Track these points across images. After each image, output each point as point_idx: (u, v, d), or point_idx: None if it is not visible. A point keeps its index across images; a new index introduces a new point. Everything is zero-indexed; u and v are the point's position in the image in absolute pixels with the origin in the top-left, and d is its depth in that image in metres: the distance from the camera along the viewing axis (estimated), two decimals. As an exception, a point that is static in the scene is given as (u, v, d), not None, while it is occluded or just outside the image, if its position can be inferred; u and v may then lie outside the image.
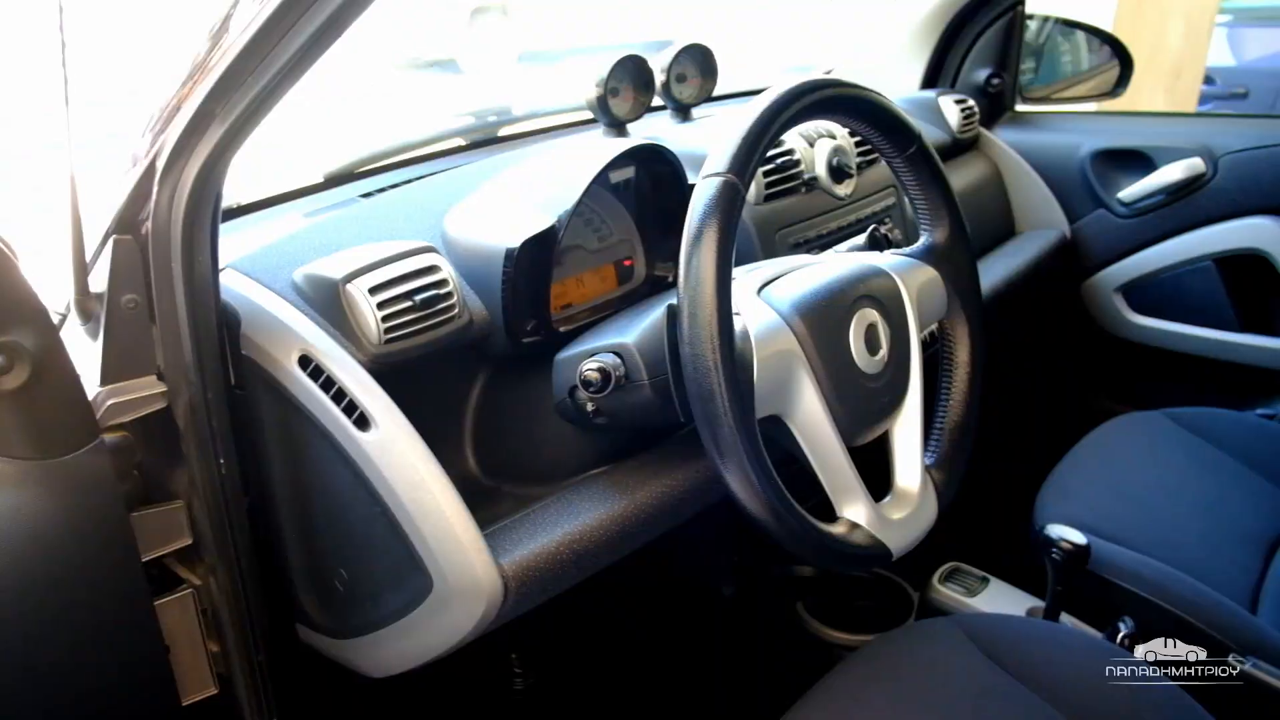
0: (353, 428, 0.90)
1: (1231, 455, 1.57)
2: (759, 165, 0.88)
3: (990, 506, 1.89)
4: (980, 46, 2.17)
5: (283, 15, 0.76)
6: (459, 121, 1.82)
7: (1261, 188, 1.88)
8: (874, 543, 0.94)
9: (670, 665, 1.79)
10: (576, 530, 0.97)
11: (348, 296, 0.96)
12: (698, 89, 1.61)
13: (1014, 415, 2.30)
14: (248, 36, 0.77)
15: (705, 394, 0.81)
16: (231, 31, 0.79)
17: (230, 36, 0.79)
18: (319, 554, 1.03)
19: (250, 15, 0.77)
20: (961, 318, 1.11)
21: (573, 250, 1.20)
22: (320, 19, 0.76)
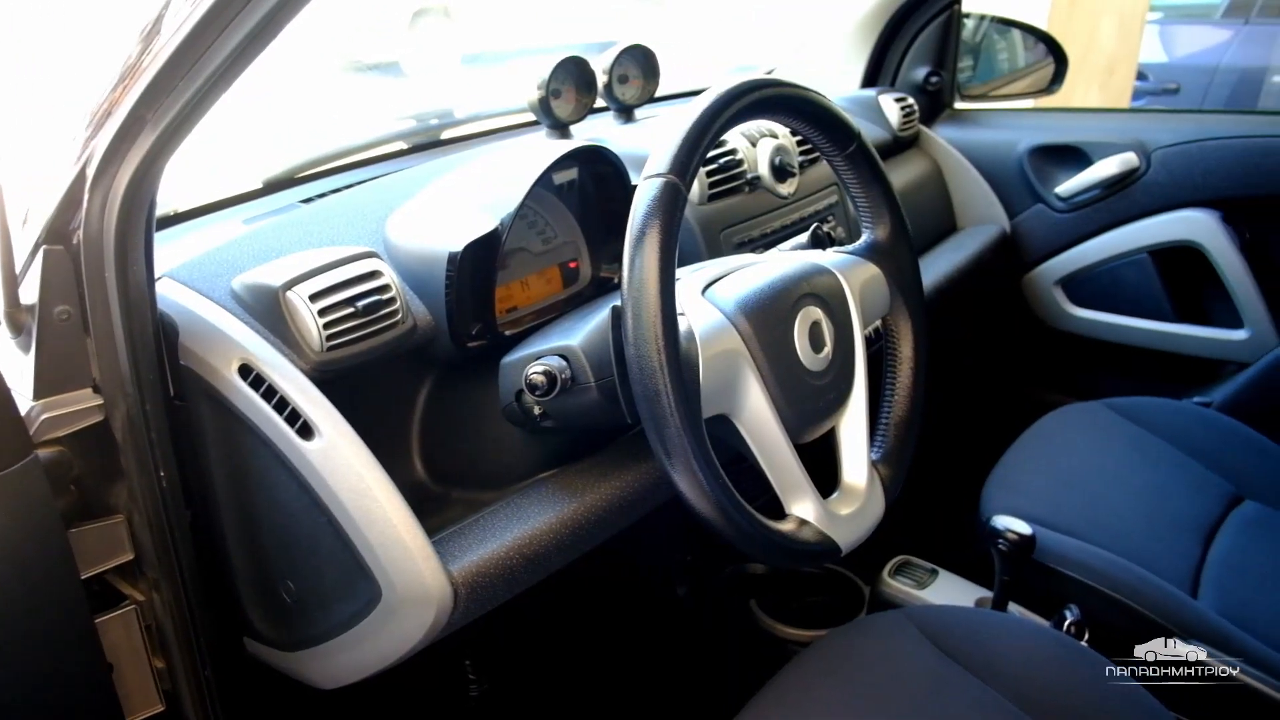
0: (295, 437, 0.89)
1: (1170, 443, 1.60)
2: (700, 165, 0.88)
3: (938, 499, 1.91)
4: (919, 45, 2.20)
5: (216, 16, 0.75)
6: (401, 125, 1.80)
7: (1193, 181, 1.92)
8: (823, 539, 0.95)
9: (625, 666, 1.79)
10: (526, 534, 0.97)
11: (288, 304, 0.94)
12: (640, 90, 1.62)
13: (958, 409, 2.33)
14: (180, 38, 0.76)
15: (651, 395, 0.81)
16: (164, 33, 0.77)
17: (162, 38, 0.77)
18: (265, 566, 1.01)
19: (183, 16, 0.76)
20: (904, 313, 1.12)
21: (517, 253, 1.20)
22: (254, 20, 0.75)
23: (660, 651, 1.84)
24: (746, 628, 1.78)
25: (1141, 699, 1.08)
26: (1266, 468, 1.58)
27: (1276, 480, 1.56)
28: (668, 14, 4.83)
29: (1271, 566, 1.37)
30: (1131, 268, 2.02)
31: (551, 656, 1.71)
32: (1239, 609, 1.28)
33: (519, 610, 1.10)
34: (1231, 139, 1.89)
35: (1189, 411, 1.73)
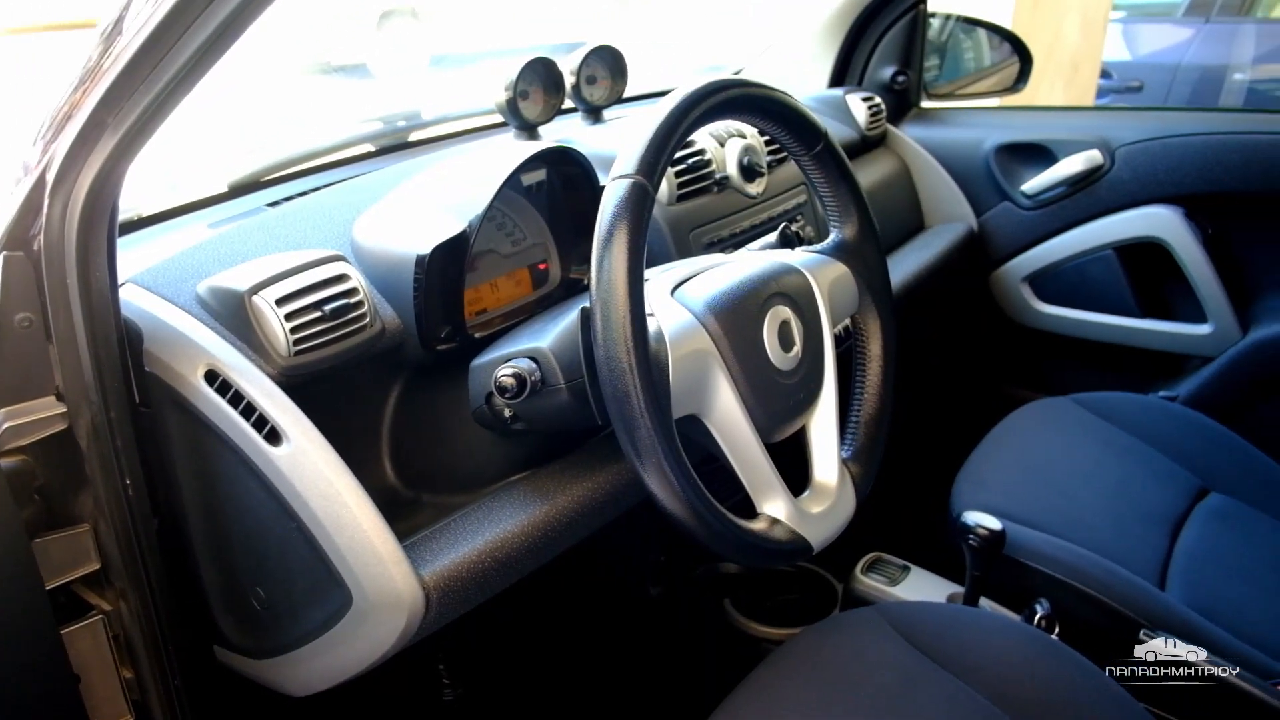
0: (263, 443, 0.88)
1: (1137, 437, 1.62)
2: (667, 166, 0.88)
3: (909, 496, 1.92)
4: (885, 45, 2.21)
5: (177, 17, 0.74)
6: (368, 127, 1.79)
7: (1157, 177, 1.95)
8: (794, 537, 0.95)
9: (600, 667, 1.79)
10: (498, 538, 0.97)
11: (254, 308, 0.94)
12: (608, 90, 1.62)
13: (928, 406, 2.34)
14: (141, 40, 0.75)
15: (621, 396, 0.81)
16: (125, 34, 0.76)
17: (123, 40, 0.76)
18: (234, 573, 1.00)
19: (144, 17, 0.75)
20: (873, 312, 1.13)
21: (486, 255, 1.19)
22: (216, 21, 0.74)
23: (634, 652, 1.84)
24: (720, 627, 1.78)
25: (1111, 690, 1.09)
26: (1231, 460, 1.61)
27: (1241, 472, 1.58)
28: (636, 14, 4.82)
29: (1237, 558, 1.39)
30: (1097, 264, 2.04)
31: (525, 659, 1.71)
32: (1206, 601, 1.30)
33: (492, 613, 1.10)
34: (1193, 136, 1.91)
35: (1155, 406, 1.75)
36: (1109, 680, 1.10)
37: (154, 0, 0.74)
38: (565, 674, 1.75)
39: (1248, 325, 1.92)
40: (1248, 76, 4.59)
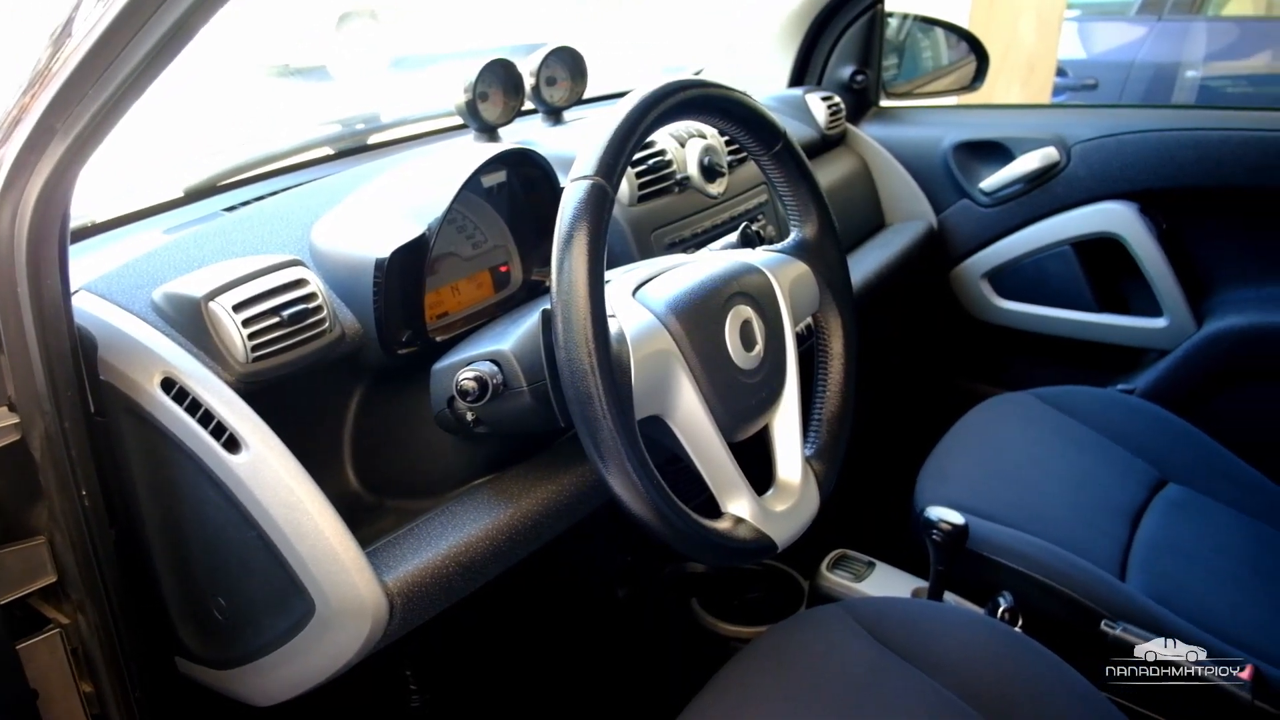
0: (222, 451, 0.87)
1: (1096, 430, 1.64)
2: (626, 167, 0.88)
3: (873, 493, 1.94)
4: (844, 44, 2.22)
5: (128, 18, 0.73)
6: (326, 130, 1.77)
7: (1111, 174, 1.97)
8: (759, 536, 0.96)
9: (568, 670, 1.79)
10: (462, 542, 0.96)
11: (211, 315, 0.93)
12: (568, 91, 1.61)
13: (890, 403, 2.36)
14: (90, 42, 0.74)
15: (583, 398, 0.81)
16: (74, 36, 0.75)
17: (73, 42, 0.75)
18: (194, 583, 0.99)
19: (94, 19, 0.73)
20: (834, 310, 1.13)
21: (446, 258, 1.19)
22: (168, 23, 0.73)
23: (602, 654, 1.84)
24: (688, 627, 1.79)
25: (1073, 680, 1.11)
26: (1188, 451, 1.63)
27: (1198, 463, 1.60)
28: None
29: (1195, 547, 1.41)
30: (1055, 260, 2.07)
31: (493, 663, 1.70)
32: (1166, 590, 1.32)
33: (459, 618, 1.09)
34: (1147, 133, 1.94)
35: (1113, 399, 1.78)
36: (1072, 670, 1.12)
37: (104, 1, 0.73)
38: (533, 677, 1.75)
39: (1202, 318, 1.95)
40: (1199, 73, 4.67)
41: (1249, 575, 1.37)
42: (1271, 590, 1.36)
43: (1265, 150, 1.82)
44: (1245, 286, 1.95)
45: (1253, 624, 1.29)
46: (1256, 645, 1.25)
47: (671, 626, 1.84)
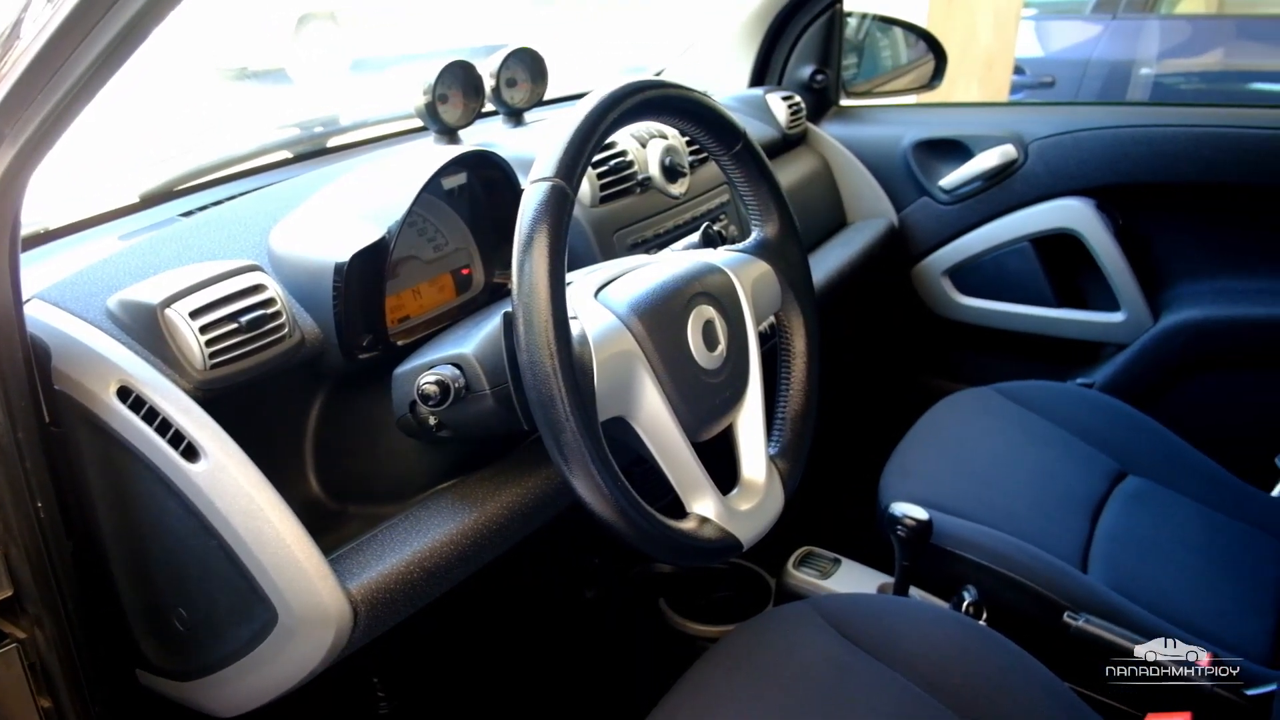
0: (180, 459, 0.86)
1: (1056, 424, 1.66)
2: (586, 168, 0.88)
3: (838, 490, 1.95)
4: (803, 44, 2.23)
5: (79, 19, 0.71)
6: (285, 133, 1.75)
7: (1068, 170, 2.00)
8: (724, 535, 0.96)
9: (536, 672, 1.78)
10: (426, 548, 0.96)
11: (167, 321, 0.91)
12: (529, 93, 1.61)
13: (854, 400, 2.37)
14: (39, 44, 0.72)
15: (546, 400, 0.81)
16: (23, 38, 0.74)
17: (20, 45, 0.74)
18: (154, 594, 0.98)
19: (42, 21, 0.72)
20: (796, 309, 1.14)
21: (407, 261, 1.18)
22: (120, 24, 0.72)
23: (571, 655, 1.84)
24: (656, 627, 1.79)
25: (1037, 672, 1.12)
26: (1147, 443, 1.65)
27: (1156, 455, 1.63)
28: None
29: (1154, 538, 1.43)
30: (1014, 256, 2.09)
31: (461, 669, 1.70)
32: (1127, 581, 1.34)
33: (426, 623, 1.09)
34: (1102, 129, 1.97)
35: (1073, 393, 1.80)
36: (1036, 662, 1.13)
37: (54, 2, 0.72)
38: (502, 680, 1.74)
39: (1159, 312, 1.98)
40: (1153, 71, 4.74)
41: (1206, 565, 1.40)
42: (1228, 579, 1.38)
43: (1216, 146, 1.85)
44: (1200, 280, 1.98)
45: (1211, 612, 1.31)
46: (1215, 633, 1.27)
47: (639, 627, 1.84)
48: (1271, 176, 1.83)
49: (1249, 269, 1.93)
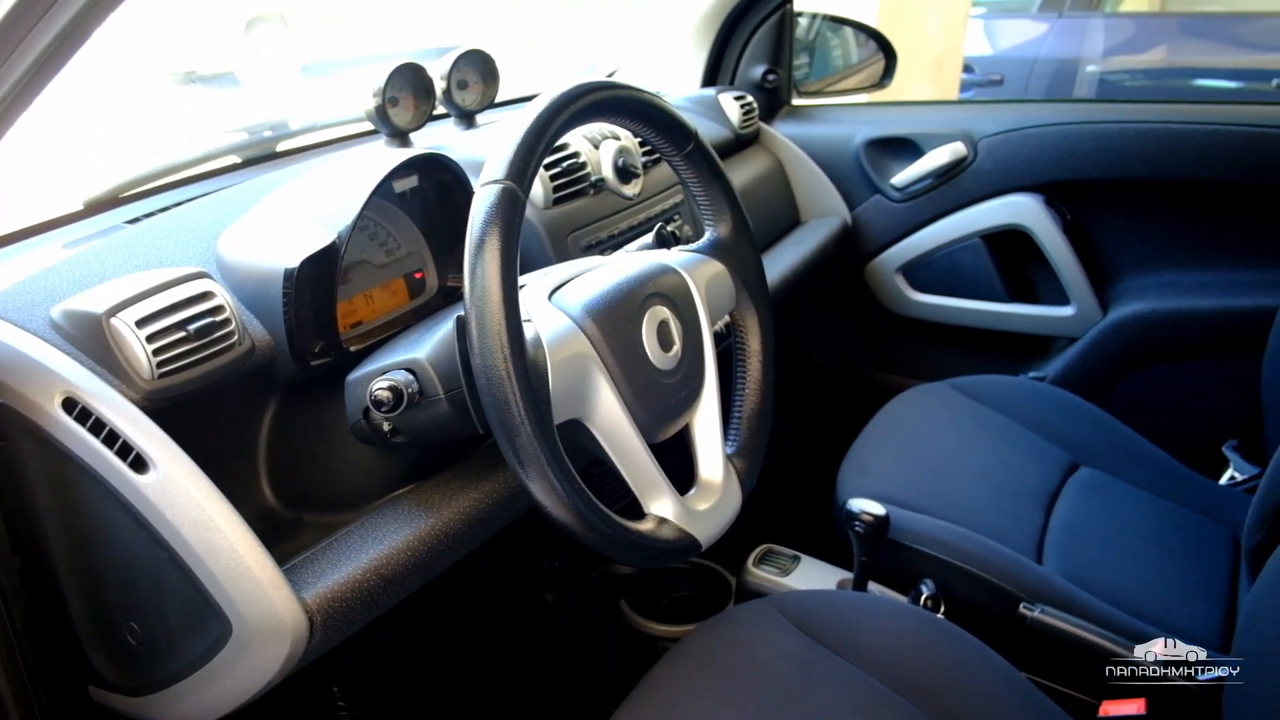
0: (128, 471, 0.85)
1: (1010, 417, 1.68)
2: (537, 170, 0.88)
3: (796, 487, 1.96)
4: (755, 44, 2.24)
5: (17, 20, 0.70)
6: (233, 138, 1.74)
7: (1017, 167, 2.02)
8: (682, 535, 0.96)
9: (498, 677, 1.77)
10: (383, 555, 0.95)
11: (113, 331, 0.90)
12: (480, 95, 1.60)
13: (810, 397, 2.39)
14: None
15: (500, 404, 0.80)
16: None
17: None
18: (105, 609, 0.96)
19: None
20: (750, 308, 1.14)
21: (359, 266, 1.17)
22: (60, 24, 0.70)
23: (533, 659, 1.83)
24: (618, 628, 1.79)
25: (994, 662, 1.14)
26: (1098, 435, 1.68)
27: (1107, 446, 1.65)
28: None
29: (1107, 528, 1.46)
30: (966, 252, 2.11)
31: (423, 676, 1.68)
32: (1081, 571, 1.36)
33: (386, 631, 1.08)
34: (1050, 126, 1.99)
35: (1025, 386, 1.82)
36: (992, 653, 1.15)
37: None
38: (464, 685, 1.73)
39: (1107, 305, 2.01)
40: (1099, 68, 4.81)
41: (1157, 552, 1.42)
42: (1179, 566, 1.40)
43: (1160, 141, 1.89)
44: (1146, 273, 2.01)
45: (1163, 599, 1.33)
46: (1166, 620, 1.29)
47: (601, 629, 1.84)
48: (1213, 171, 1.86)
49: (1193, 262, 1.97)
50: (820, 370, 2.43)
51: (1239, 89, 4.49)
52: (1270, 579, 0.98)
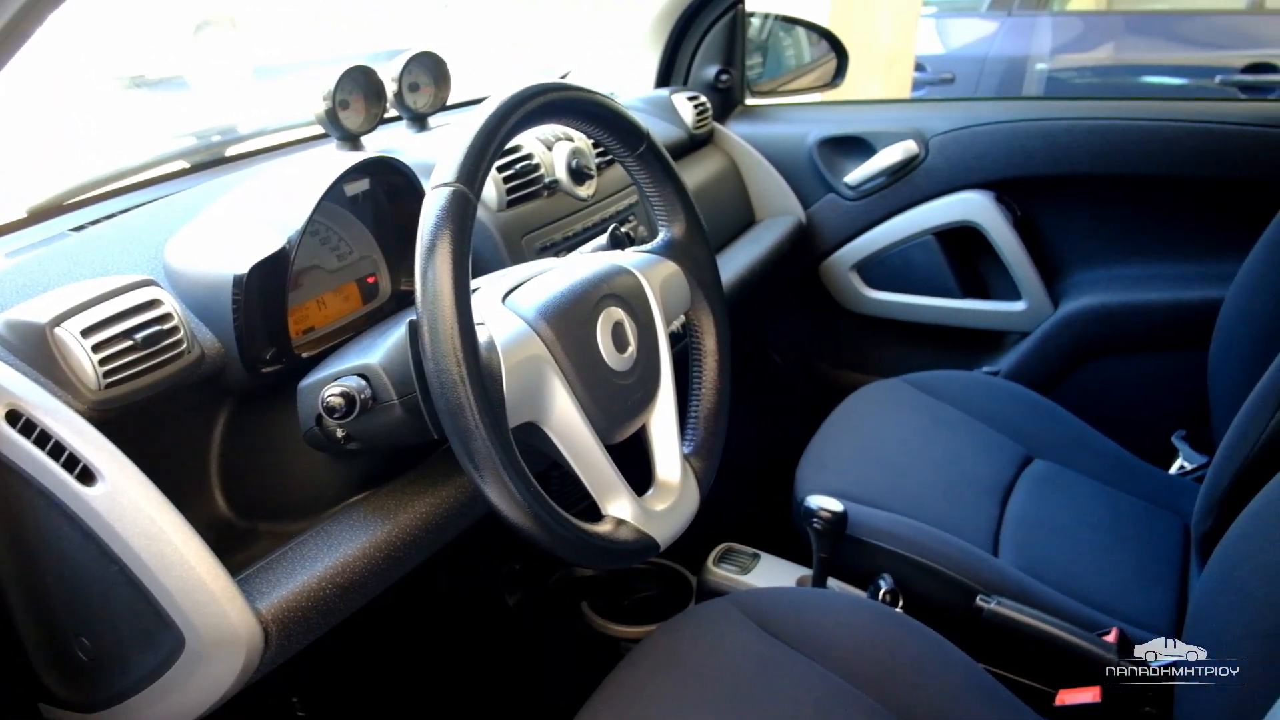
0: (76, 484, 0.83)
1: (965, 412, 1.70)
2: (488, 172, 0.88)
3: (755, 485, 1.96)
4: (707, 44, 2.25)
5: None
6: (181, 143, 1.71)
7: (968, 164, 2.04)
8: (640, 536, 0.96)
9: (460, 682, 1.76)
10: (339, 563, 0.94)
11: (57, 341, 0.88)
12: (432, 97, 1.59)
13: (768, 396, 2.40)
14: None
15: (454, 408, 0.80)
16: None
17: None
18: (54, 624, 0.94)
19: None
20: (705, 307, 1.15)
21: (310, 271, 1.15)
22: None
23: (495, 663, 1.82)
24: (580, 630, 1.78)
25: (952, 655, 1.15)
26: (1051, 427, 1.71)
27: (1060, 438, 1.68)
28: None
29: (1060, 519, 1.48)
30: (919, 249, 2.13)
31: (383, 682, 1.67)
32: (1035, 562, 1.38)
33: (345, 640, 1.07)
34: (999, 124, 2.02)
35: (979, 381, 1.85)
36: (950, 645, 1.16)
37: None
38: (426, 692, 1.72)
39: (1058, 300, 2.04)
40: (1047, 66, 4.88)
41: (1110, 542, 1.44)
42: (1131, 555, 1.43)
43: (1107, 138, 1.92)
44: (1095, 268, 2.04)
45: (1116, 589, 1.35)
46: (1120, 609, 1.31)
47: (562, 631, 1.84)
48: (1159, 166, 1.89)
49: (1141, 256, 2.00)
50: (779, 368, 2.44)
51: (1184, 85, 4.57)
52: (1218, 565, 1.00)
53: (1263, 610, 0.87)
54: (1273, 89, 4.11)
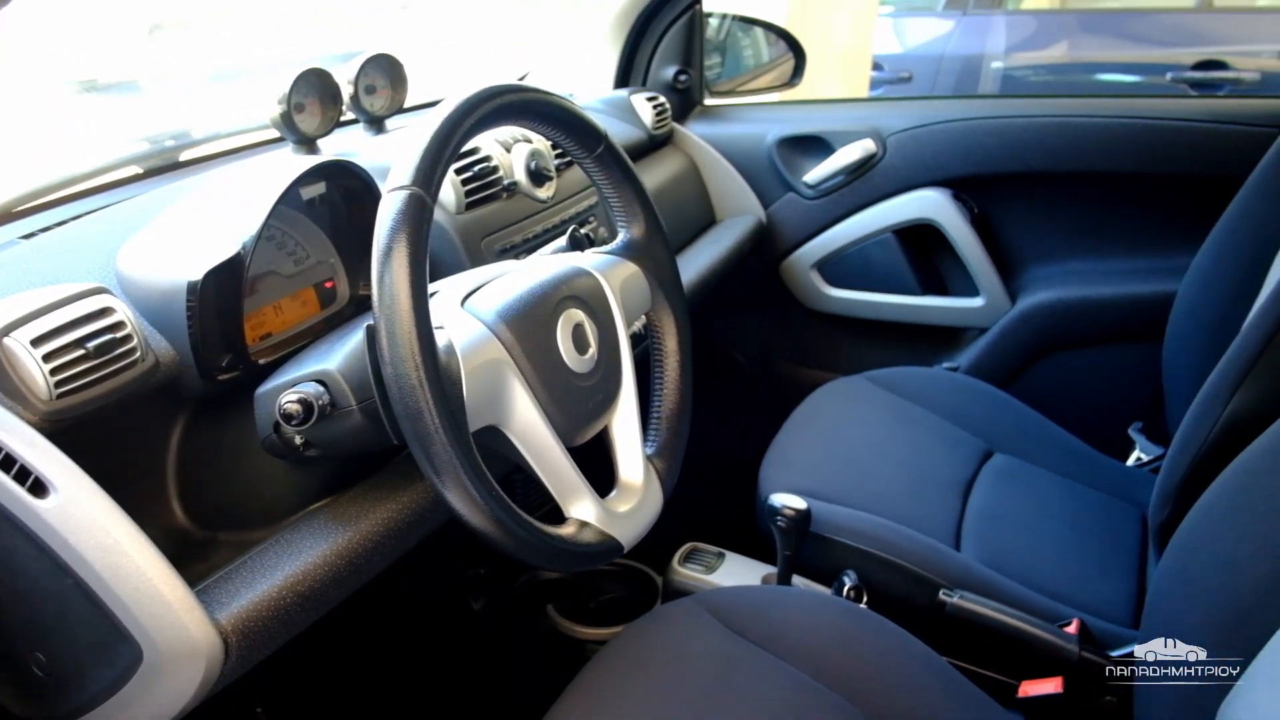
0: (27, 496, 0.82)
1: (926, 408, 1.72)
2: (445, 175, 0.87)
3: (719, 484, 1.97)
4: (665, 45, 2.25)
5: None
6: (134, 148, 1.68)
7: (925, 162, 2.06)
8: (604, 538, 0.96)
9: (427, 688, 1.75)
10: (299, 571, 0.93)
11: (6, 351, 0.86)
12: (389, 100, 1.58)
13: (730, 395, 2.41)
14: None
15: (413, 413, 0.79)
16: None
17: None
18: (9, 639, 0.92)
19: None
20: (666, 308, 1.15)
21: (266, 276, 1.14)
22: None
23: (461, 668, 1.82)
24: (546, 633, 1.78)
25: (916, 649, 1.16)
26: (1010, 422, 1.73)
27: (1019, 432, 1.70)
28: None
29: (1021, 512, 1.50)
30: (878, 247, 2.15)
31: (349, 689, 1.66)
32: (997, 555, 1.39)
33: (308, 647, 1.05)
34: (955, 122, 2.04)
35: (940, 377, 1.86)
36: (914, 640, 1.17)
37: None
38: (393, 698, 1.71)
39: (1015, 295, 2.06)
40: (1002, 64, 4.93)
41: (1070, 534, 1.46)
42: (1091, 546, 1.45)
43: (1060, 135, 1.94)
44: (1051, 263, 2.07)
45: (1077, 580, 1.37)
46: (1080, 600, 1.33)
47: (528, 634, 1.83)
48: (1112, 162, 1.92)
49: (1096, 251, 2.03)
50: (741, 367, 2.45)
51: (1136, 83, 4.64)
52: (1174, 554, 1.02)
53: (1216, 599, 0.88)
54: (1222, 86, 4.18)
